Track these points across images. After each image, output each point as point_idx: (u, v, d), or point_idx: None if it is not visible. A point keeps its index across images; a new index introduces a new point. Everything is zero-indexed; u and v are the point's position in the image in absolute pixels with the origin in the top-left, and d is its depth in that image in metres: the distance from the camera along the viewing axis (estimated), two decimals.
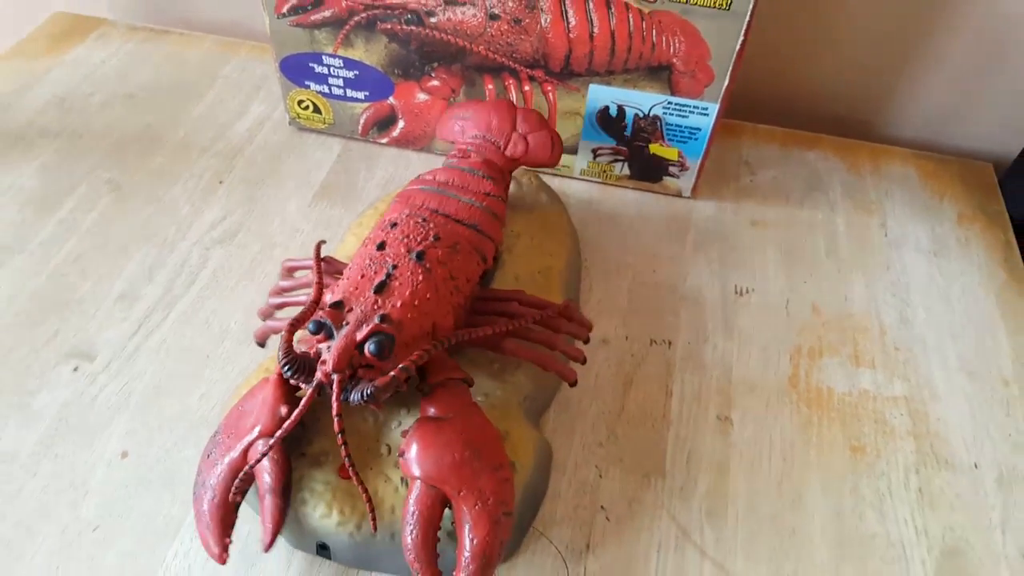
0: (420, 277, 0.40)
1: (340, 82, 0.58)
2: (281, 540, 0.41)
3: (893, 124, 0.67)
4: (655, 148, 0.56)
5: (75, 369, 0.48)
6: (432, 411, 0.39)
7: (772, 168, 0.62)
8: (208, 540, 0.38)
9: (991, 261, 0.56)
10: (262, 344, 0.46)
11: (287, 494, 0.39)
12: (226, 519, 0.38)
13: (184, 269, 0.53)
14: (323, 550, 0.42)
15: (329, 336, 0.38)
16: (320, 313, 0.38)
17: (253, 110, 0.65)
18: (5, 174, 0.59)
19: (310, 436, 0.41)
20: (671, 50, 0.50)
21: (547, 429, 0.46)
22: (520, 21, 0.51)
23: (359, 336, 0.37)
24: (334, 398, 0.36)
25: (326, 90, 0.59)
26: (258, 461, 0.37)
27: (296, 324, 0.39)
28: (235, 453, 0.38)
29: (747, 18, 0.47)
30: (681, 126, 0.54)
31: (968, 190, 0.61)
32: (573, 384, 0.44)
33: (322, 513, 0.40)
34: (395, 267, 0.40)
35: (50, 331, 0.50)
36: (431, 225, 0.43)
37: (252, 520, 0.41)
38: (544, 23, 0.50)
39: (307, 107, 0.60)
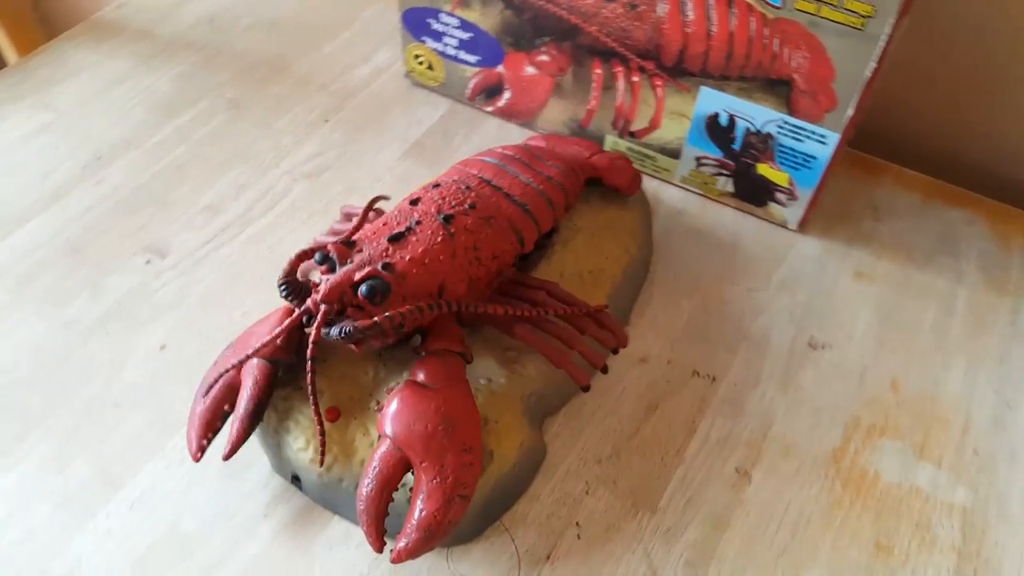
0: (439, 238, 0.43)
1: (455, 42, 0.62)
2: (265, 461, 0.46)
3: None
4: (763, 169, 0.55)
5: (147, 262, 0.56)
6: (421, 376, 0.41)
7: (903, 218, 0.59)
8: (191, 436, 0.43)
9: None
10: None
11: (255, 418, 0.43)
12: (211, 423, 0.44)
13: (268, 194, 0.60)
14: (296, 481, 0.46)
15: (332, 270, 0.42)
16: (330, 247, 0.42)
17: (377, 58, 0.71)
18: (146, 76, 0.69)
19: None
20: (793, 64, 0.49)
21: (550, 431, 0.47)
22: (636, 7, 0.52)
23: (357, 276, 0.40)
24: (315, 326, 0.40)
25: (441, 48, 0.63)
26: (229, 370, 0.42)
27: (306, 254, 0.43)
28: (228, 367, 0.43)
29: (882, 43, 0.46)
30: (795, 150, 0.53)
31: None
32: (585, 389, 0.46)
33: (300, 446, 0.44)
34: (418, 223, 0.43)
35: (140, 223, 0.58)
36: (472, 194, 0.46)
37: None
38: (660, 12, 0.51)
39: (422, 62, 0.65)
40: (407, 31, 0.63)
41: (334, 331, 0.40)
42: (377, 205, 0.55)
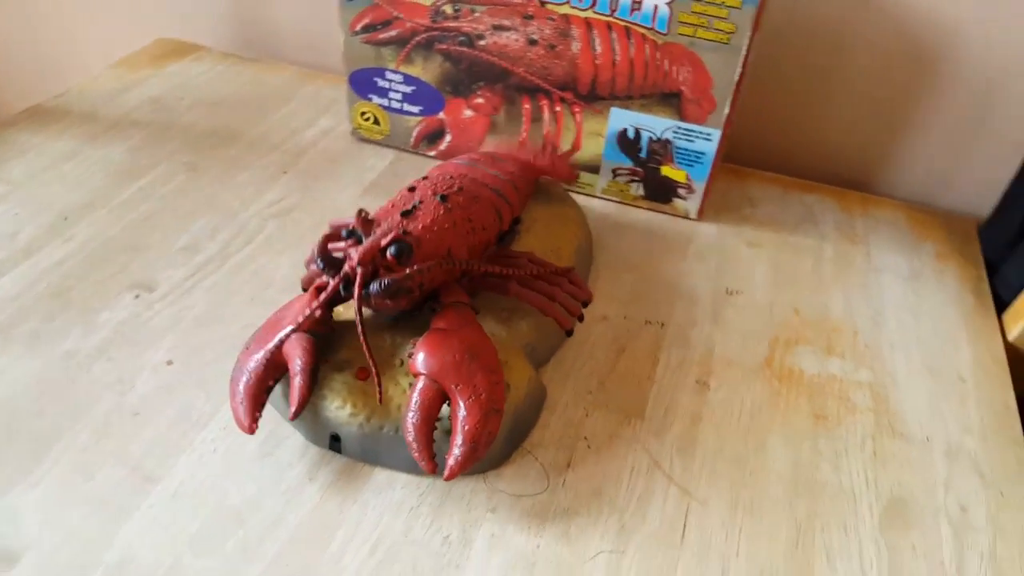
0: (441, 211, 0.53)
1: (399, 96, 0.74)
2: (298, 435, 0.52)
3: (887, 184, 0.82)
4: (666, 170, 0.70)
5: (136, 296, 0.61)
6: (441, 324, 0.50)
7: (772, 204, 0.76)
8: (240, 414, 0.48)
9: (962, 289, 0.68)
10: (306, 288, 0.59)
11: (313, 376, 0.49)
12: (257, 398, 0.49)
13: (242, 233, 0.68)
14: (335, 442, 0.52)
15: (359, 242, 0.50)
16: (354, 223, 0.51)
17: (321, 123, 0.82)
18: (98, 149, 0.75)
19: (335, 347, 0.52)
20: (680, 78, 0.65)
21: (544, 378, 0.57)
22: (554, 47, 0.66)
23: (384, 241, 0.49)
24: (356, 286, 0.48)
25: (386, 103, 0.75)
26: (275, 347, 0.48)
27: (331, 236, 0.51)
28: (271, 344, 0.50)
29: (744, 52, 0.62)
30: (688, 150, 0.68)
31: (950, 236, 0.74)
32: (569, 333, 0.56)
33: (337, 406, 0.50)
34: (420, 202, 0.53)
35: (119, 267, 0.63)
36: (457, 182, 0.56)
37: (272, 419, 0.52)
38: (574, 49, 0.66)
39: (368, 118, 0.76)
40: (353, 92, 0.75)
41: (374, 286, 0.48)
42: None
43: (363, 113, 0.76)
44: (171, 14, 0.99)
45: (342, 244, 0.52)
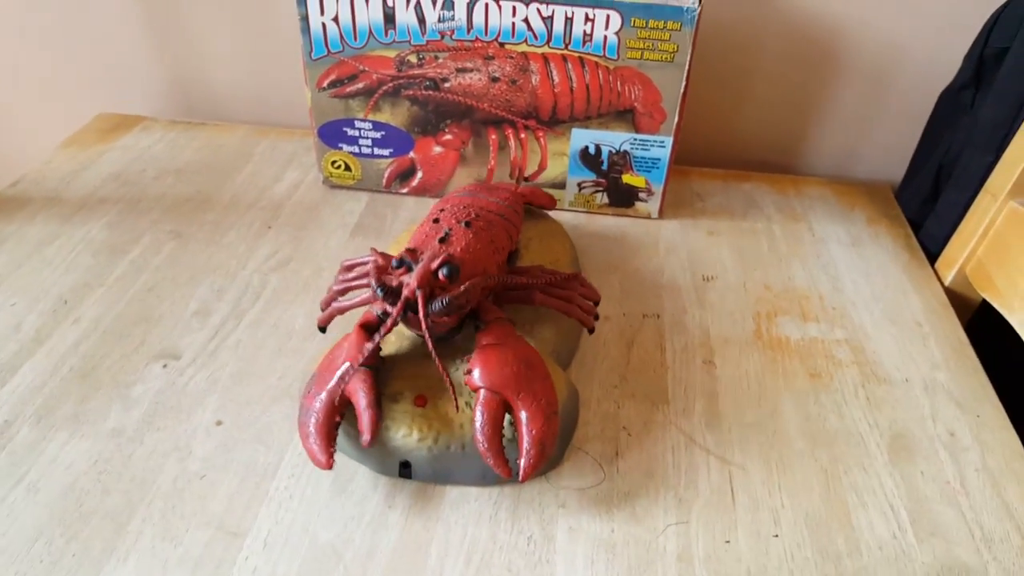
0: (470, 235, 0.57)
1: (369, 142, 0.77)
2: (364, 469, 0.55)
3: (807, 164, 0.92)
4: (627, 178, 0.76)
5: (164, 366, 0.62)
6: (488, 340, 0.54)
7: (718, 196, 0.84)
8: (315, 453, 0.51)
9: (896, 247, 0.78)
10: (323, 329, 0.61)
11: (379, 406, 0.52)
12: (330, 435, 0.52)
13: (248, 290, 0.69)
14: (405, 469, 0.55)
15: (409, 270, 0.54)
16: (402, 254, 0.54)
17: (288, 176, 0.84)
18: (75, 230, 0.75)
19: (387, 380, 0.55)
20: (632, 96, 0.72)
21: (571, 378, 0.61)
22: (515, 81, 0.72)
23: (434, 265, 0.52)
24: (420, 307, 0.51)
25: (356, 150, 0.78)
26: (341, 386, 0.51)
27: (381, 269, 0.55)
28: (332, 383, 0.52)
29: (686, 68, 0.70)
30: (645, 158, 0.75)
31: (873, 202, 0.85)
32: (591, 331, 0.61)
33: (403, 434, 0.53)
34: (450, 231, 0.57)
35: (137, 340, 0.64)
36: (471, 210, 0.61)
37: (337, 458, 0.54)
38: (534, 81, 0.72)
39: (339, 166, 0.79)
40: (323, 143, 0.77)
41: (436, 306, 0.51)
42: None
43: (334, 162, 0.79)
44: (106, 89, 0.99)
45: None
